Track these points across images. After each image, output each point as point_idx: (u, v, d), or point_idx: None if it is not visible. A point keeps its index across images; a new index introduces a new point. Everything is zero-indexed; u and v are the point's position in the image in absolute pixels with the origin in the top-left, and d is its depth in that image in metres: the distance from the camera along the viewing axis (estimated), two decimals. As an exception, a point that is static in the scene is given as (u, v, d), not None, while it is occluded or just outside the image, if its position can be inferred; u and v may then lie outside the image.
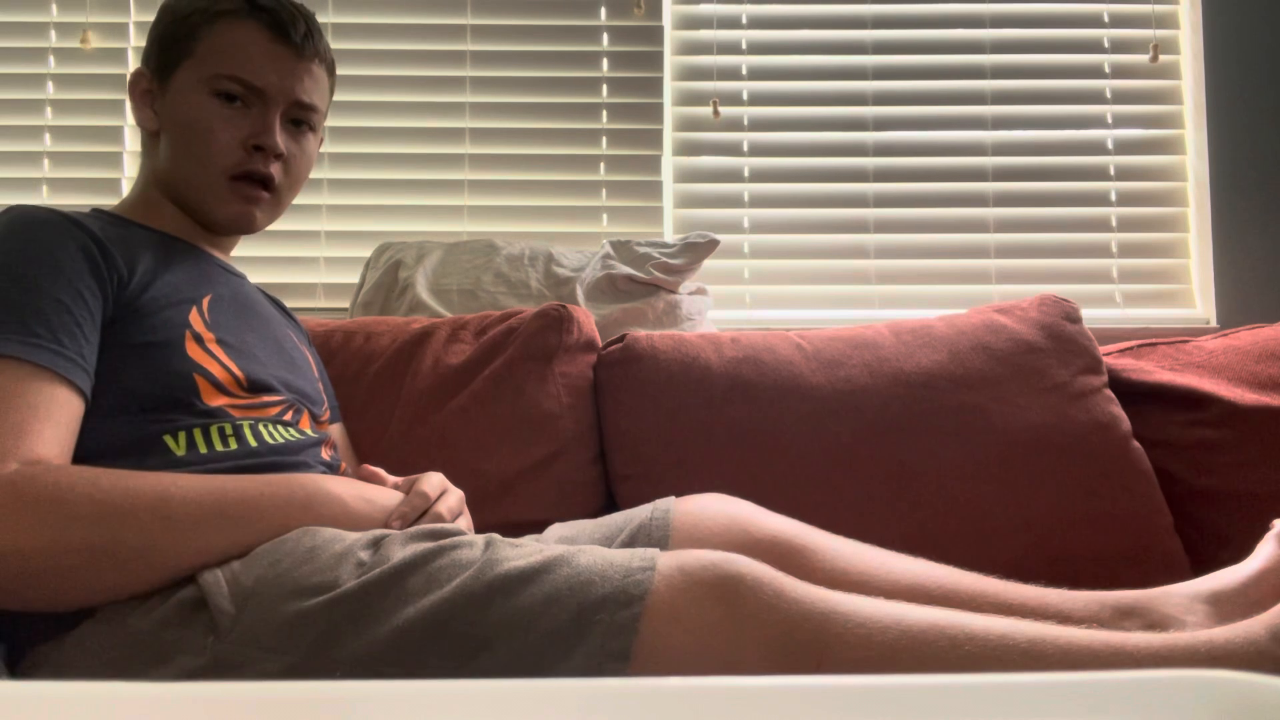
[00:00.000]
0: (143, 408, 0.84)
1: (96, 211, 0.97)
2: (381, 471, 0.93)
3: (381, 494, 0.88)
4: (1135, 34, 1.88)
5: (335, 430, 1.17)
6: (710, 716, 0.27)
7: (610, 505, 1.27)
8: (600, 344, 1.37)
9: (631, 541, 0.94)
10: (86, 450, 0.80)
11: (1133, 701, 0.27)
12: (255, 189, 0.99)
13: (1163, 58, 1.86)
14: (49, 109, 1.82)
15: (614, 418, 1.29)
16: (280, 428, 0.92)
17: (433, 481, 0.92)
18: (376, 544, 0.74)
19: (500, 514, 1.19)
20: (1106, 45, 1.88)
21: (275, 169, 0.99)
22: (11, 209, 0.87)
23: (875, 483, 1.22)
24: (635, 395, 1.28)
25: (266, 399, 0.93)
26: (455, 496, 0.94)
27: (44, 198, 1.78)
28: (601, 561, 0.69)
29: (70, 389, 0.79)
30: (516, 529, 1.07)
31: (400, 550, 0.72)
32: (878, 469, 1.22)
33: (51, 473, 0.72)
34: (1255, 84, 1.83)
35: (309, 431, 0.96)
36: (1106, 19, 1.89)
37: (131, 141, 1.83)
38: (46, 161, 1.81)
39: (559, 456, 1.26)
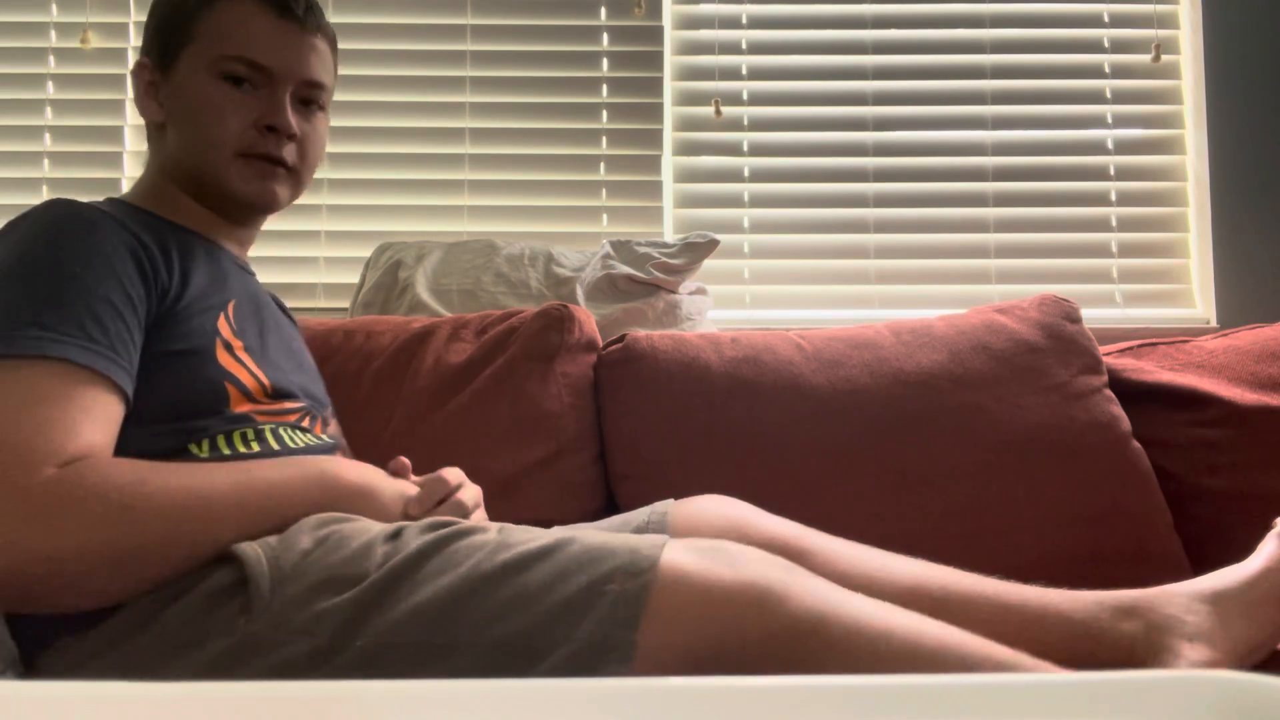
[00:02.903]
0: (172, 416, 0.84)
1: (112, 201, 0.95)
2: (409, 464, 0.94)
3: (404, 484, 0.89)
4: (1135, 34, 1.88)
5: (333, 427, 1.17)
6: (710, 716, 0.27)
7: (611, 504, 1.27)
8: (601, 344, 1.37)
9: None
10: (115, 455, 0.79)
11: (1133, 701, 0.27)
12: (271, 164, 0.96)
13: (1163, 57, 1.86)
14: (49, 109, 1.82)
15: (614, 418, 1.29)
16: (299, 433, 0.92)
17: (454, 472, 0.93)
18: (397, 534, 0.75)
19: (501, 513, 1.18)
20: (1107, 45, 1.88)
21: (289, 151, 0.96)
22: (55, 203, 0.86)
23: (875, 483, 1.22)
24: (635, 395, 1.28)
25: (288, 405, 0.93)
26: (475, 489, 0.95)
27: (44, 197, 1.78)
28: (612, 539, 0.71)
29: (118, 395, 0.79)
30: (517, 529, 1.07)
31: (418, 538, 0.73)
32: (878, 469, 1.22)
33: (97, 471, 0.73)
34: (1255, 84, 1.83)
35: (324, 437, 0.96)
36: (1107, 19, 1.89)
37: (131, 142, 1.83)
38: (46, 161, 1.81)
39: (560, 456, 1.26)
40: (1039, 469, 1.22)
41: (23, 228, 0.84)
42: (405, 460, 0.93)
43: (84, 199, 0.90)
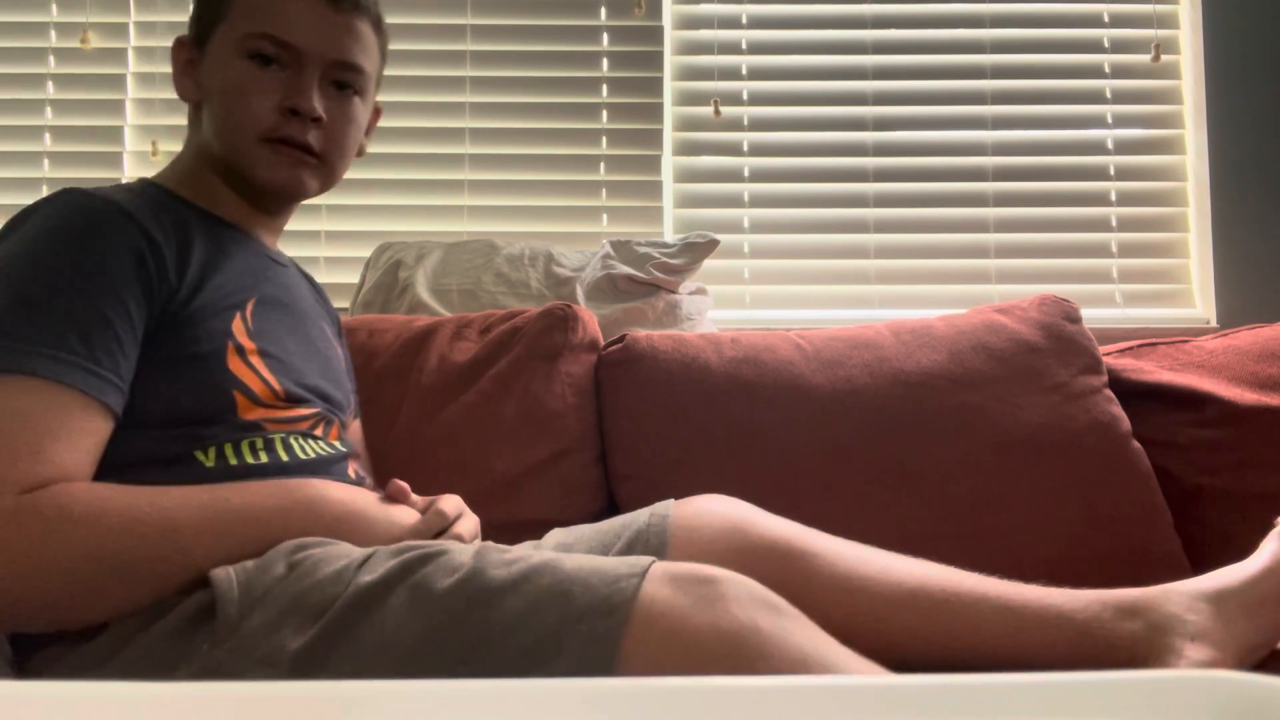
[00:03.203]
0: (176, 422, 0.81)
1: (144, 184, 0.92)
2: (408, 488, 0.90)
3: (399, 511, 0.87)
4: (1135, 34, 1.88)
5: (354, 427, 1.14)
6: (707, 717, 0.27)
7: (612, 505, 1.27)
8: (602, 344, 1.37)
9: (629, 548, 0.92)
10: (112, 461, 0.77)
11: (1133, 701, 0.27)
12: (297, 151, 0.92)
13: (1163, 57, 1.86)
14: (49, 109, 1.82)
15: (614, 418, 1.29)
16: (310, 441, 0.90)
17: (452, 502, 0.90)
18: (366, 560, 0.72)
19: (505, 512, 1.19)
20: (1107, 45, 1.88)
21: (314, 135, 0.92)
22: (67, 193, 0.83)
23: (875, 483, 1.22)
24: (635, 396, 1.28)
25: (301, 412, 0.91)
26: (473, 520, 0.92)
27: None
28: (588, 568, 0.67)
29: (100, 410, 0.75)
30: (520, 528, 1.07)
31: (385, 563, 0.70)
32: (878, 469, 1.22)
33: (60, 498, 0.70)
34: (1255, 84, 1.83)
35: (337, 445, 0.94)
36: (1106, 19, 1.89)
37: (131, 142, 1.83)
38: (46, 161, 1.81)
39: (564, 456, 1.26)
40: (1039, 469, 1.22)
41: (25, 226, 0.82)
42: (402, 484, 0.89)
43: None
